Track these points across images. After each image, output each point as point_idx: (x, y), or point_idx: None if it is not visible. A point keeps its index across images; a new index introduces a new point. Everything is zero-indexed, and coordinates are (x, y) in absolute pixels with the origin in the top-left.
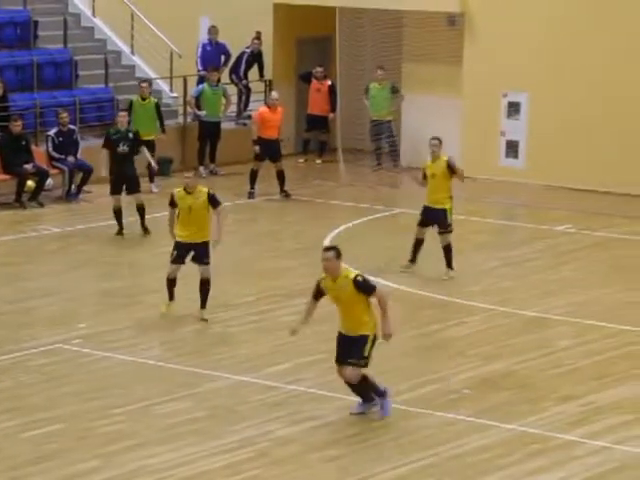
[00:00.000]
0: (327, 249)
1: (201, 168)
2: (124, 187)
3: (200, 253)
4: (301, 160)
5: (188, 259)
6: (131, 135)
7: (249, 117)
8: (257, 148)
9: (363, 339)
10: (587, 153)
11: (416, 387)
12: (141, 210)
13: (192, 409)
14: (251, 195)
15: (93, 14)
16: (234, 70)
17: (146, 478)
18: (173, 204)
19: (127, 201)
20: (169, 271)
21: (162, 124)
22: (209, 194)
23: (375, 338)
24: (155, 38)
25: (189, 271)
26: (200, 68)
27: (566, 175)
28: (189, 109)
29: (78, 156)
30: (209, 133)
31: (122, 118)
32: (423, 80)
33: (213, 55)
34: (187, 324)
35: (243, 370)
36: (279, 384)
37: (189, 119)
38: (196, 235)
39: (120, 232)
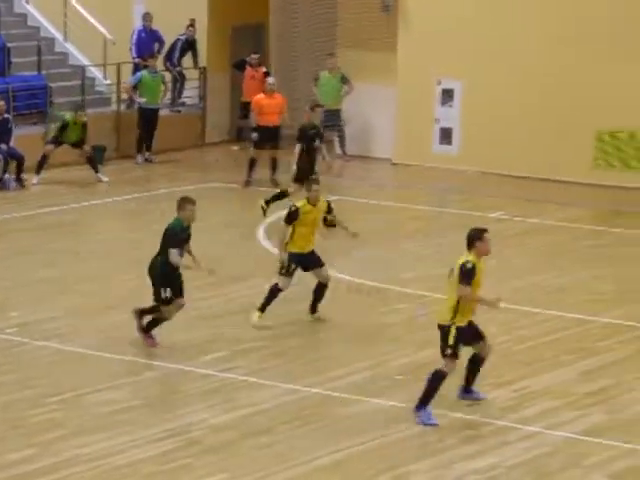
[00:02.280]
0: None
1: (138, 156)
2: None
3: (315, 257)
4: (235, 147)
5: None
6: None
7: (183, 104)
8: (255, 135)
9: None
10: (520, 140)
11: (350, 374)
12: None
13: (127, 398)
14: (248, 184)
15: (26, 1)
16: (168, 57)
17: (80, 467)
18: (294, 220)
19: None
20: (282, 284)
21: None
22: (329, 204)
23: None
24: (88, 25)
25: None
26: (135, 55)
27: (500, 162)
28: (124, 96)
29: (11, 144)
30: (148, 120)
31: None
32: (358, 67)
33: (148, 42)
34: (123, 312)
35: (179, 358)
36: (214, 372)
37: (123, 106)
38: (311, 244)
39: None
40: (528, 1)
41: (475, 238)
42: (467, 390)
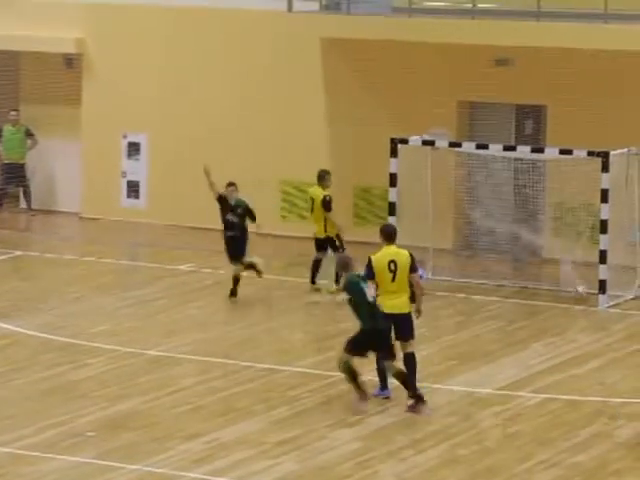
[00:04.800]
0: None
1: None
2: None
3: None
4: None
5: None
6: None
7: None
8: None
9: None
10: (207, 192)
11: (39, 431)
12: None
13: None
14: None
15: None
16: None
17: None
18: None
19: None
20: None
21: None
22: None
23: None
24: None
25: None
26: None
27: (188, 214)
28: None
29: None
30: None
31: None
32: (43, 122)
33: None
34: None
35: None
36: None
37: None
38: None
39: None
40: (211, 53)
41: (396, 231)
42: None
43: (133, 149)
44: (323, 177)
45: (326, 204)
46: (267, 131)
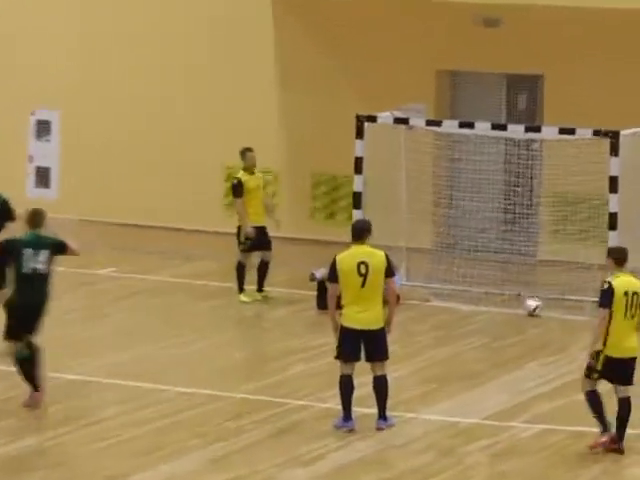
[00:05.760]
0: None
1: None
2: None
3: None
4: None
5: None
6: None
7: None
8: None
9: None
10: (135, 183)
11: None
12: None
13: None
14: None
15: None
16: None
17: None
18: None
19: None
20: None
21: None
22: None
23: None
24: None
25: None
26: None
27: (109, 208)
28: None
29: None
30: None
31: None
32: None
33: None
34: None
35: None
36: None
37: None
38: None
39: None
40: (137, 12)
41: (369, 228)
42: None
43: (43, 129)
44: (242, 155)
45: (233, 188)
46: (207, 105)
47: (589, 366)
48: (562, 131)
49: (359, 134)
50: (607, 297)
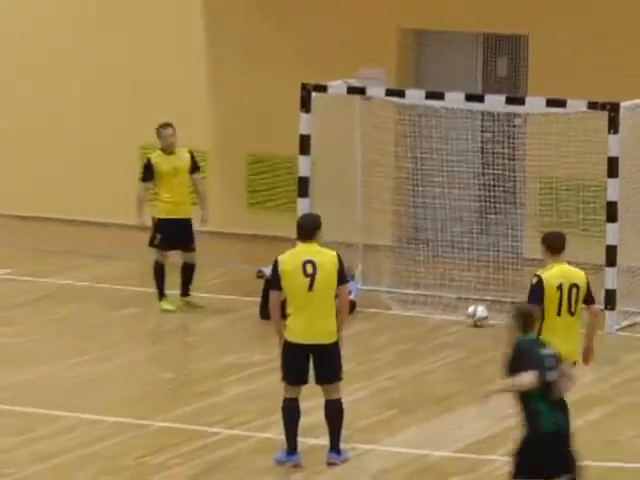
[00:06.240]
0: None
1: None
2: None
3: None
4: None
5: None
6: None
7: None
8: None
9: None
10: (28, 169)
11: None
12: None
13: None
14: None
15: None
16: None
17: None
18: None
19: None
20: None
21: None
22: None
23: None
24: None
25: None
26: None
27: (6, 199)
28: None
29: None
30: None
31: None
32: None
33: None
34: None
35: None
36: None
37: None
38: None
39: None
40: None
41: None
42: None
43: None
44: (157, 133)
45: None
46: (123, 77)
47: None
48: (550, 103)
49: (305, 107)
50: (537, 293)
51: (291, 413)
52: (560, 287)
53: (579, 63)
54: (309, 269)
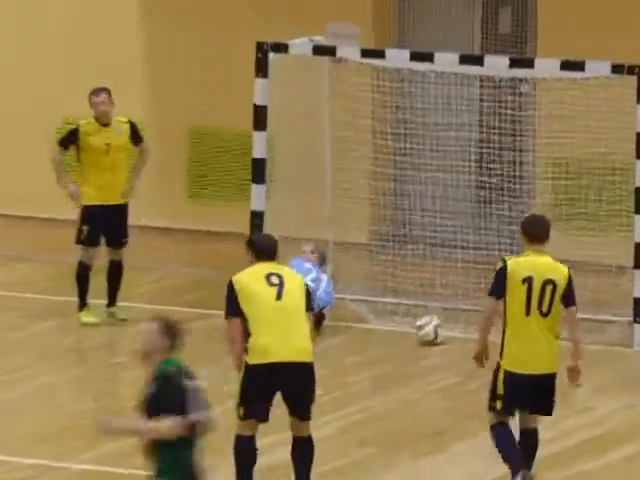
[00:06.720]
0: None
1: None
2: None
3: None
4: None
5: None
6: None
7: None
8: None
9: None
10: None
11: None
12: None
13: None
14: None
15: None
16: None
17: None
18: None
19: None
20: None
21: None
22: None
23: None
24: None
25: None
26: None
27: None
28: None
29: None
30: None
31: None
32: None
33: None
34: None
35: None
36: None
37: None
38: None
39: None
40: None
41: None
42: None
43: None
44: (89, 99)
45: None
46: (45, 40)
47: (490, 390)
48: (565, 65)
49: (261, 70)
50: (498, 281)
51: (245, 454)
52: (528, 281)
53: (600, 16)
54: (274, 280)
